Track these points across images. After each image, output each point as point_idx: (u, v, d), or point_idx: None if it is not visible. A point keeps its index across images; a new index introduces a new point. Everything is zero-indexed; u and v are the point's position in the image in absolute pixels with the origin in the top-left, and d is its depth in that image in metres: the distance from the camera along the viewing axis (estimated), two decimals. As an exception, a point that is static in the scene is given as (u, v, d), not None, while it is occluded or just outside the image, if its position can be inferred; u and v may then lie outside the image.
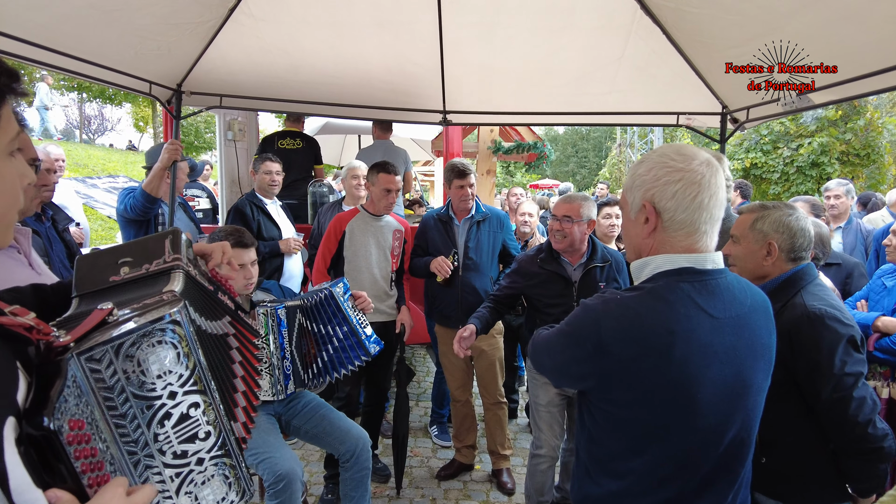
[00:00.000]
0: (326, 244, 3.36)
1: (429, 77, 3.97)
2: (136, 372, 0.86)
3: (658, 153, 1.25)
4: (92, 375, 0.81)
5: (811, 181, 14.63)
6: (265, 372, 2.51)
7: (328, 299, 2.58)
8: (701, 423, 1.19)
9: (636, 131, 28.87)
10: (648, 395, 1.18)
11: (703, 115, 3.90)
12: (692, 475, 1.22)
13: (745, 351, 1.22)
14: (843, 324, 1.65)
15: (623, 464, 1.26)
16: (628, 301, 1.21)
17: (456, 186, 3.42)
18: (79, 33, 2.72)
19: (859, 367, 1.64)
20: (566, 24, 3.34)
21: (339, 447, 2.64)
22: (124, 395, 0.85)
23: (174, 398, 0.91)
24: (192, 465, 0.94)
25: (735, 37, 2.87)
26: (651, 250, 1.27)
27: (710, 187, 1.19)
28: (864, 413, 1.59)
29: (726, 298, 1.21)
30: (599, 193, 12.14)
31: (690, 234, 1.22)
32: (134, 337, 0.85)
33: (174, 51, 3.34)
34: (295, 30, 3.52)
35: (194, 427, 0.94)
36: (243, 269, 2.49)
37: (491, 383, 3.51)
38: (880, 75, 2.52)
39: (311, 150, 5.32)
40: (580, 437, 1.39)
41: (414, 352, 6.14)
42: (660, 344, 1.15)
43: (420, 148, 9.69)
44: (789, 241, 1.81)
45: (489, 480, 3.65)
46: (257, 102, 4.20)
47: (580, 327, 1.26)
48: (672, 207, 1.20)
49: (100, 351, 0.82)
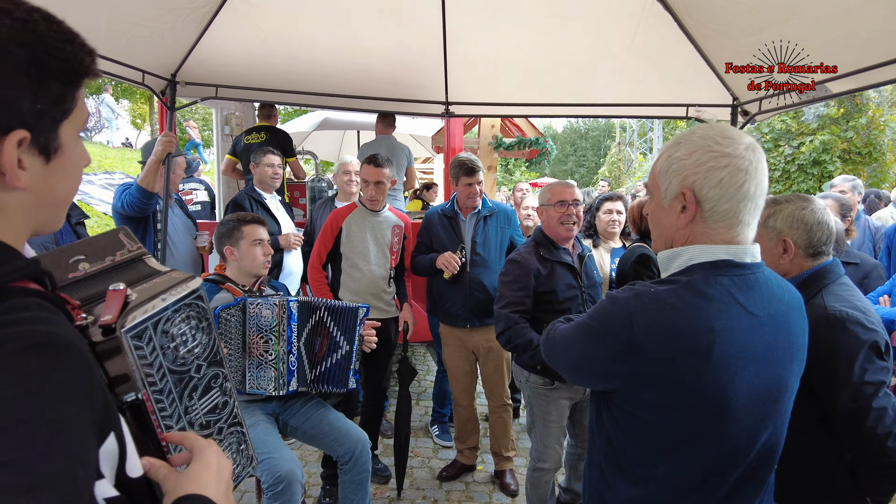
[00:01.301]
0: (322, 240, 3.27)
1: (431, 67, 3.88)
2: (171, 347, 0.89)
3: (700, 134, 1.13)
4: (136, 352, 0.83)
5: (812, 179, 14.55)
6: (269, 365, 2.44)
7: (351, 312, 2.59)
8: (734, 428, 1.09)
9: (635, 130, 28.82)
10: (681, 398, 1.09)
11: (713, 107, 3.80)
12: (721, 483, 1.13)
13: (783, 351, 1.13)
14: (866, 328, 1.52)
15: (646, 470, 1.17)
16: (663, 295, 1.10)
17: (463, 184, 3.30)
18: (64, 16, 2.60)
19: (881, 375, 1.51)
20: (575, 12, 3.26)
21: (338, 449, 2.55)
22: (162, 370, 0.87)
23: (200, 371, 0.95)
24: (215, 434, 1.00)
25: (751, 24, 2.77)
26: (686, 241, 1.16)
27: (757, 174, 1.09)
28: (883, 425, 1.47)
29: (765, 295, 1.12)
30: (600, 191, 12.05)
31: (732, 227, 1.12)
32: (169, 313, 0.88)
33: (168, 38, 3.24)
34: (293, 17, 3.42)
35: (215, 398, 0.99)
36: (262, 245, 2.58)
37: (497, 386, 3.41)
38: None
39: (277, 142, 4.97)
40: (597, 437, 1.29)
41: (414, 350, 6.05)
42: (699, 344, 1.05)
43: (420, 144, 9.60)
44: (806, 237, 1.68)
45: (492, 481, 3.56)
46: (254, 93, 4.10)
47: (608, 323, 1.16)
48: (715, 196, 1.10)
49: (141, 328, 0.84)
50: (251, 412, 2.47)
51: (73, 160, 0.75)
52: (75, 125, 0.73)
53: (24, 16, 0.66)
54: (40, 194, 0.71)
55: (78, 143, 0.75)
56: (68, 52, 0.69)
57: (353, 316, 2.59)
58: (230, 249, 2.55)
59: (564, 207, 2.61)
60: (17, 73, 0.64)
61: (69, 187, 0.76)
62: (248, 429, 1.11)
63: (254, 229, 2.57)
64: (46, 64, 0.67)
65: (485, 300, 3.25)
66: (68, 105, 0.71)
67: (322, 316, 2.57)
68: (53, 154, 0.71)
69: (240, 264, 2.56)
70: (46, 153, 0.70)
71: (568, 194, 2.64)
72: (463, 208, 3.40)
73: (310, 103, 4.48)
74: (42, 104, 0.67)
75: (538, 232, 2.73)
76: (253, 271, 2.57)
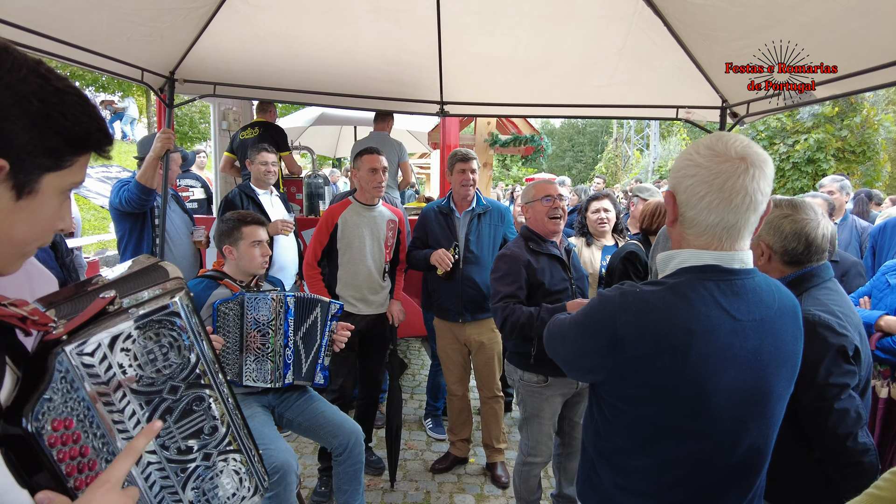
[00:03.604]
0: (318, 236, 3.29)
1: (426, 67, 3.92)
2: (133, 366, 0.83)
3: (693, 145, 1.18)
4: (85, 370, 0.79)
5: (807, 177, 14.63)
6: (266, 358, 2.51)
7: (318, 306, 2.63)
8: (714, 427, 1.15)
9: (632, 126, 28.85)
10: (660, 394, 1.14)
11: (702, 108, 3.87)
12: (703, 481, 1.18)
13: (769, 356, 1.17)
14: (835, 332, 1.54)
15: (629, 461, 1.23)
16: (647, 295, 1.16)
17: (458, 171, 3.37)
18: (68, 17, 2.66)
19: (846, 378, 1.53)
20: (568, 14, 3.30)
21: (333, 441, 2.61)
22: (121, 390, 0.82)
23: (176, 393, 0.88)
24: (199, 460, 0.93)
25: (738, 29, 2.83)
26: (677, 243, 1.23)
27: (725, 191, 1.10)
28: (844, 425, 1.51)
29: (752, 301, 1.16)
30: (595, 188, 12.11)
31: (700, 235, 1.17)
32: (129, 330, 0.82)
33: (167, 37, 3.28)
34: (291, 16, 3.46)
35: (199, 422, 0.92)
36: (261, 246, 2.62)
37: (489, 378, 3.49)
38: (882, 70, 2.50)
39: (270, 137, 4.96)
40: (588, 429, 1.36)
41: (409, 344, 6.12)
42: (676, 343, 1.11)
43: (416, 140, 9.63)
44: (780, 245, 1.69)
45: (483, 474, 3.63)
46: (252, 91, 4.14)
47: (596, 319, 1.22)
48: (684, 202, 1.16)
49: (92, 344, 0.79)
50: (248, 404, 2.53)
51: (45, 210, 0.78)
52: (63, 182, 0.79)
53: (58, 85, 0.75)
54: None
55: (58, 201, 0.80)
56: (82, 122, 0.77)
57: (321, 310, 2.63)
58: (229, 249, 2.60)
59: (551, 202, 2.67)
60: (25, 117, 0.71)
61: (29, 234, 0.78)
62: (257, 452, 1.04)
63: (253, 230, 2.60)
64: (56, 121, 0.74)
65: (477, 296, 3.32)
66: (63, 162, 0.77)
67: (318, 315, 2.63)
68: (26, 194, 0.75)
69: (238, 264, 2.61)
70: (19, 190, 0.74)
71: (552, 189, 2.72)
72: (458, 203, 3.45)
73: (307, 101, 4.51)
74: (35, 148, 0.73)
75: (525, 229, 2.78)
76: (251, 271, 2.62)
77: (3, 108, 0.70)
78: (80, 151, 0.79)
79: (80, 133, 0.77)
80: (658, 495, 1.20)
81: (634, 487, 1.23)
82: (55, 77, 0.75)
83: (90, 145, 0.80)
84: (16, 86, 0.70)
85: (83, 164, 0.81)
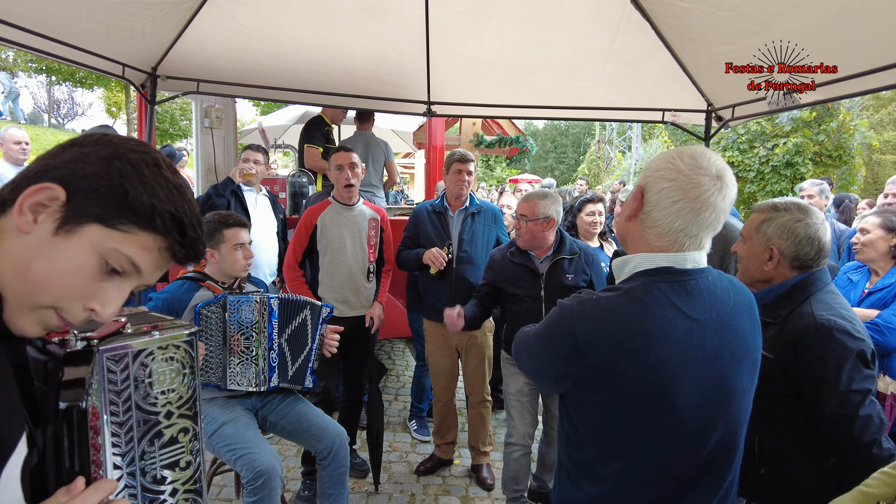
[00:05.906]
0: (297, 238, 3.22)
1: (414, 67, 3.90)
2: (146, 382, 0.89)
3: (675, 150, 1.20)
4: (108, 375, 0.83)
5: (786, 181, 14.87)
6: (250, 361, 2.46)
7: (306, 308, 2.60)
8: (681, 427, 1.15)
9: (615, 128, 29.10)
10: (625, 399, 1.14)
11: (688, 112, 3.90)
12: (673, 480, 1.19)
13: (729, 353, 1.18)
14: (853, 337, 1.53)
15: (601, 468, 1.22)
16: (603, 302, 1.17)
17: (454, 171, 3.33)
18: (44, 8, 2.58)
19: (867, 383, 1.52)
20: (556, 15, 3.30)
21: (317, 444, 2.57)
22: (129, 402, 0.87)
23: (170, 418, 0.93)
24: (166, 495, 0.94)
25: (725, 34, 2.86)
26: (630, 245, 1.24)
27: (698, 202, 1.13)
28: (869, 432, 1.48)
29: (706, 299, 1.17)
30: (579, 190, 12.16)
31: (662, 236, 1.18)
32: (153, 347, 0.89)
33: (149, 32, 3.21)
34: (276, 13, 3.41)
35: (178, 453, 0.95)
36: (243, 249, 2.55)
37: (478, 382, 3.47)
38: (862, 77, 2.54)
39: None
40: (560, 439, 1.36)
41: (393, 346, 6.08)
42: (635, 347, 1.11)
43: (401, 139, 9.59)
44: (793, 249, 1.67)
45: (468, 475, 3.62)
46: (236, 89, 4.07)
47: (556, 329, 1.23)
48: (653, 201, 1.18)
49: (121, 352, 0.85)
50: (231, 407, 2.48)
51: (71, 258, 0.73)
52: (105, 242, 0.75)
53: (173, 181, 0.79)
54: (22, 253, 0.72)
55: (92, 261, 0.75)
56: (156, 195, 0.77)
57: (312, 312, 2.60)
58: (210, 251, 2.51)
59: (514, 220, 2.83)
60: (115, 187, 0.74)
61: (45, 275, 0.73)
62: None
63: (235, 233, 2.51)
64: (137, 204, 0.75)
65: (470, 297, 3.30)
66: (118, 226, 0.75)
67: (307, 317, 2.60)
68: (63, 232, 0.73)
69: (220, 267, 2.53)
70: (60, 225, 0.73)
71: (518, 208, 2.89)
72: (451, 202, 3.43)
73: (292, 100, 4.45)
74: (101, 201, 0.74)
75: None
76: (233, 274, 2.56)
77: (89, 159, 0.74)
78: (139, 224, 0.76)
79: (144, 202, 0.75)
80: (631, 498, 1.20)
81: (608, 495, 1.22)
82: (165, 164, 0.79)
83: (154, 225, 0.77)
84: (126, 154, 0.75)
85: (141, 245, 0.77)
